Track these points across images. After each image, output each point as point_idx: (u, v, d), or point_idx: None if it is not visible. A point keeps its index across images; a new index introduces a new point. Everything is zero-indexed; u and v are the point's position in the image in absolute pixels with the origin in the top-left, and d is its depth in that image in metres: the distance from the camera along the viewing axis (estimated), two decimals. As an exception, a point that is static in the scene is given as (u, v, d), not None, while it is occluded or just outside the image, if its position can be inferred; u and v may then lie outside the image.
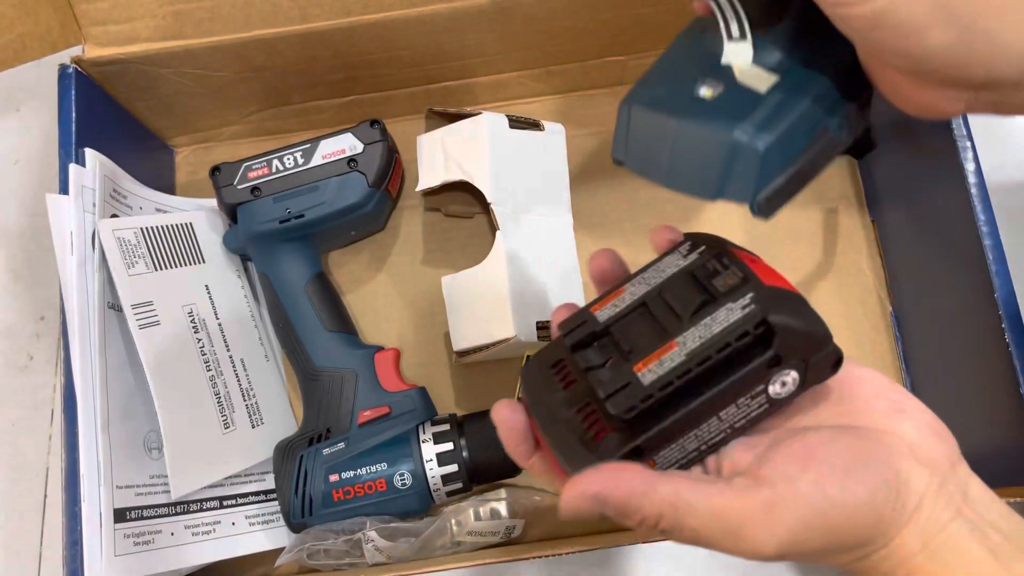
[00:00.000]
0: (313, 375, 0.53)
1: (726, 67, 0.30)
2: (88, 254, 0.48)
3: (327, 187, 0.53)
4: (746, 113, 0.28)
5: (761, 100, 0.28)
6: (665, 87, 0.31)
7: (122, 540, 0.46)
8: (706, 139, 0.29)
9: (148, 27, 0.52)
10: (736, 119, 0.28)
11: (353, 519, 0.49)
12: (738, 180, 0.29)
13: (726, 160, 0.28)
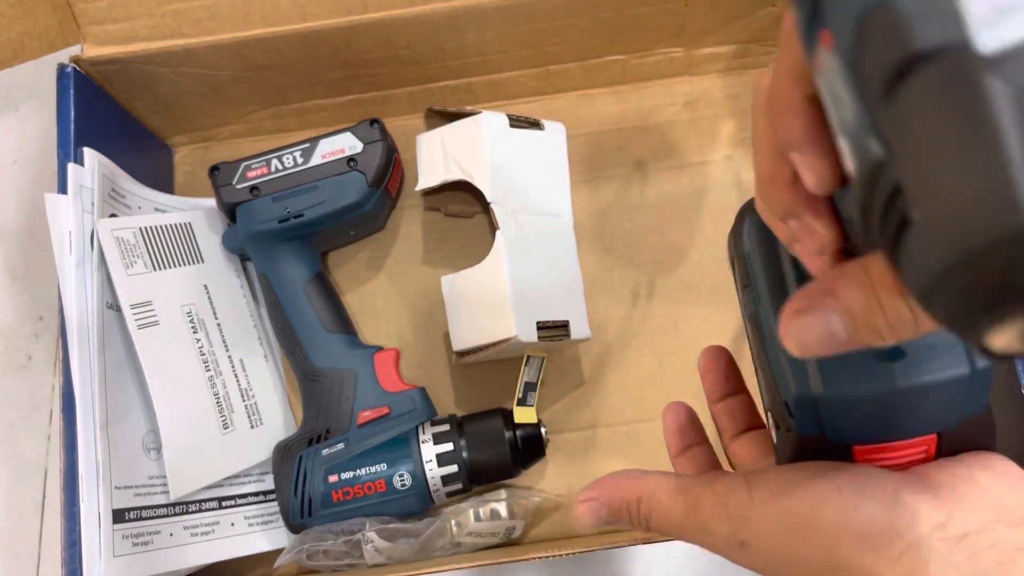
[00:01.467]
0: (312, 375, 0.52)
1: None
2: (87, 254, 0.48)
3: (326, 186, 0.53)
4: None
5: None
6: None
7: (121, 540, 0.46)
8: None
9: (147, 26, 0.51)
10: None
11: (352, 520, 0.49)
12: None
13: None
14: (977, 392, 0.26)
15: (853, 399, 0.25)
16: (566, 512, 0.54)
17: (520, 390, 0.52)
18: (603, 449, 0.55)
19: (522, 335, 0.48)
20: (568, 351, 0.56)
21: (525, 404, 0.52)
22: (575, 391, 0.56)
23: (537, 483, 0.54)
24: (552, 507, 0.53)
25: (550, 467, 0.54)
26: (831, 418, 0.26)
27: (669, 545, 0.54)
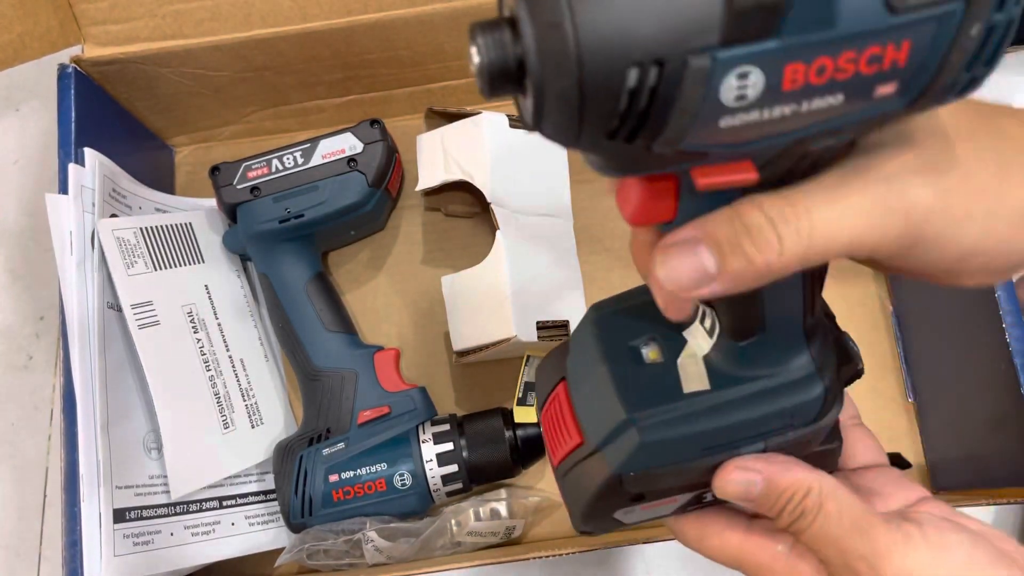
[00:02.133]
0: (313, 375, 0.52)
1: (680, 340, 0.29)
2: (87, 254, 0.48)
3: (327, 187, 0.53)
4: (657, 400, 0.27)
5: (678, 396, 0.27)
6: (628, 321, 0.30)
7: (121, 540, 0.46)
8: (607, 399, 0.28)
9: (148, 27, 0.52)
10: (644, 403, 0.27)
11: (353, 519, 0.49)
12: (616, 447, 0.28)
13: (613, 429, 0.28)
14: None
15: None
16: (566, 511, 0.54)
17: (520, 390, 0.52)
18: (603, 449, 0.55)
19: (522, 335, 0.48)
20: (568, 351, 0.56)
21: (525, 404, 0.52)
22: (575, 391, 0.56)
23: (537, 483, 0.54)
24: (552, 507, 0.53)
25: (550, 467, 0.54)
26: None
27: (669, 545, 0.54)
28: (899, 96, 0.19)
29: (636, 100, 0.18)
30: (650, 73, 0.17)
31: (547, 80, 0.17)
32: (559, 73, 0.17)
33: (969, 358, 0.50)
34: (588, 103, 0.18)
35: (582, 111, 0.18)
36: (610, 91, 0.17)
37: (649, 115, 0.18)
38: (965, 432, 0.51)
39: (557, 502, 0.53)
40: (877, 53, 0.18)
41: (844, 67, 0.18)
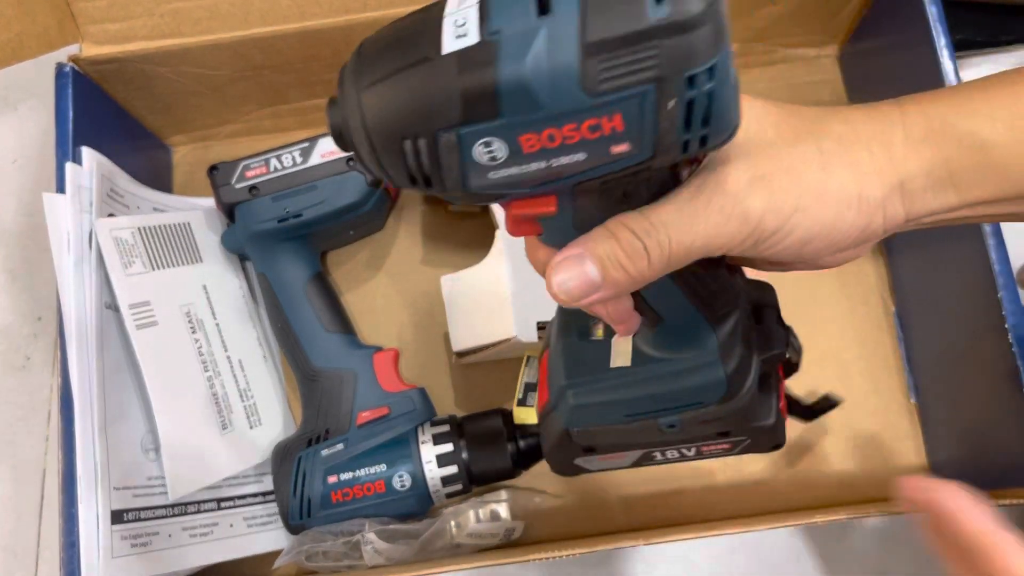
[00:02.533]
0: (312, 375, 0.52)
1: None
2: (85, 254, 0.48)
3: (325, 186, 0.53)
4: (589, 370, 0.34)
5: (605, 370, 0.34)
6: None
7: (119, 542, 0.45)
8: (558, 367, 0.35)
9: (146, 26, 0.51)
10: (579, 372, 0.34)
11: (352, 521, 0.49)
12: (561, 408, 0.35)
13: (559, 393, 0.34)
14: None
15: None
16: (566, 513, 0.54)
17: (520, 390, 0.52)
18: (603, 450, 0.55)
19: (522, 335, 0.48)
20: (568, 351, 0.56)
21: (525, 405, 0.52)
22: (575, 391, 0.56)
23: (537, 484, 0.54)
24: (552, 508, 0.53)
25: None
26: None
27: (670, 546, 0.54)
28: (638, 152, 0.24)
29: (417, 161, 0.24)
30: (418, 143, 0.23)
31: (355, 146, 0.25)
32: (360, 143, 0.24)
33: (971, 358, 0.50)
34: (384, 162, 0.24)
35: (383, 167, 0.25)
36: (395, 155, 0.24)
37: (430, 171, 0.24)
38: (967, 432, 0.51)
39: (557, 504, 0.53)
40: (594, 123, 0.23)
41: (570, 135, 0.23)
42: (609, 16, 0.21)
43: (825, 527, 0.53)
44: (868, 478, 0.54)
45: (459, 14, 0.23)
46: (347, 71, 0.24)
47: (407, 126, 0.23)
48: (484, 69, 0.22)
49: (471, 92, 0.22)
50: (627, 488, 0.54)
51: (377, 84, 0.23)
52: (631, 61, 0.22)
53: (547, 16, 0.22)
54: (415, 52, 0.23)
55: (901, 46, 0.53)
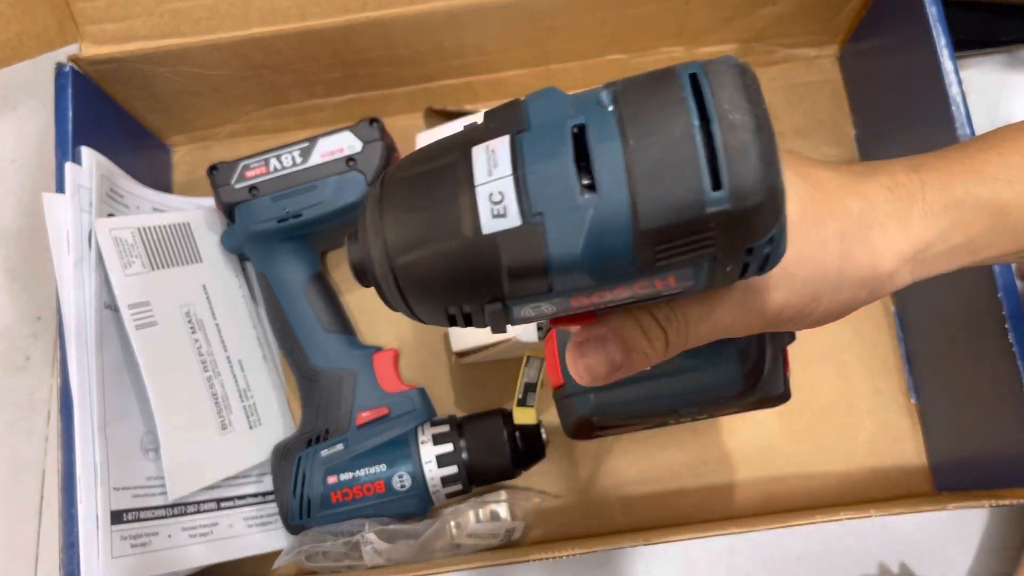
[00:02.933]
0: (311, 375, 0.52)
1: None
2: (85, 254, 0.48)
3: (325, 186, 0.53)
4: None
5: None
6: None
7: (119, 542, 0.45)
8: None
9: (145, 25, 0.51)
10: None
11: (352, 521, 0.49)
12: (581, 400, 0.36)
13: (575, 386, 0.36)
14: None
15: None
16: (566, 513, 0.54)
17: (520, 391, 0.52)
18: (603, 450, 0.55)
19: (522, 335, 0.48)
20: (568, 351, 0.56)
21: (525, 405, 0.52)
22: (575, 392, 0.55)
23: (537, 484, 0.54)
24: (552, 508, 0.53)
25: (550, 468, 0.54)
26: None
27: (670, 547, 0.54)
28: (689, 291, 0.23)
29: (455, 320, 0.23)
30: (463, 308, 0.23)
31: (387, 298, 0.24)
32: (394, 300, 0.23)
33: (971, 359, 0.49)
34: (420, 315, 0.24)
35: (418, 317, 0.24)
36: (434, 314, 0.23)
37: (473, 322, 0.23)
38: (968, 433, 0.51)
39: (558, 504, 0.53)
40: (646, 285, 0.22)
41: (621, 292, 0.22)
42: (662, 203, 0.20)
43: (825, 527, 0.53)
44: (868, 478, 0.54)
45: (493, 187, 0.21)
46: (370, 221, 0.23)
47: (449, 299, 0.22)
48: (531, 254, 0.21)
49: (518, 274, 0.21)
50: (627, 488, 0.54)
51: (413, 253, 0.22)
52: (688, 243, 0.20)
53: (593, 195, 0.20)
54: (451, 224, 0.21)
55: (901, 46, 0.53)
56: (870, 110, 0.59)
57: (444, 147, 0.23)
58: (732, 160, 0.19)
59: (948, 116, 0.47)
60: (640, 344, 0.27)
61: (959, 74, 0.48)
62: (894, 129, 0.55)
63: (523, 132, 0.21)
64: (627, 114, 0.20)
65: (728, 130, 0.20)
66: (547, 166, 0.21)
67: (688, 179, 0.19)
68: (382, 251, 0.22)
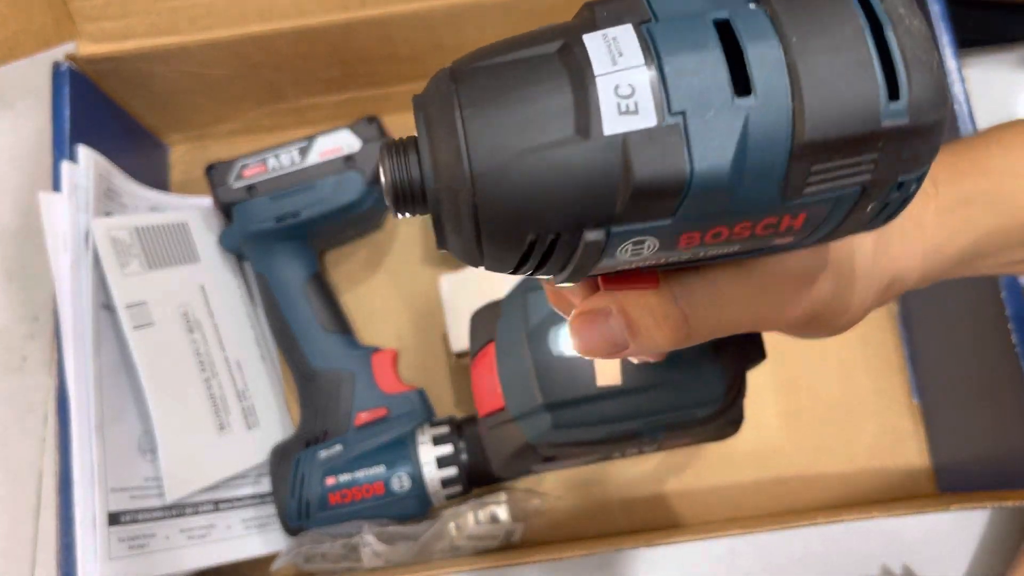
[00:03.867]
0: (310, 376, 0.52)
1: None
2: (82, 253, 0.48)
3: (324, 185, 0.52)
4: (569, 390, 0.33)
5: (591, 389, 0.32)
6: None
7: (116, 543, 0.45)
8: (526, 379, 0.33)
9: (143, 23, 0.51)
10: (557, 391, 0.33)
11: (351, 522, 0.49)
12: (531, 423, 0.33)
13: (529, 409, 0.34)
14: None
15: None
16: (566, 514, 0.53)
17: None
18: (604, 451, 0.54)
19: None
20: (568, 352, 0.56)
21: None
22: (576, 392, 0.55)
23: (537, 485, 0.54)
24: (552, 510, 0.53)
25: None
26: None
27: (671, 549, 0.53)
28: (796, 243, 0.20)
29: (532, 253, 0.19)
30: (547, 239, 0.18)
31: (441, 219, 0.19)
32: (454, 220, 0.18)
33: (974, 359, 0.49)
34: (486, 249, 0.19)
35: (480, 252, 0.19)
36: (510, 245, 0.19)
37: (548, 263, 0.19)
38: (971, 434, 0.51)
39: (558, 505, 0.53)
40: (773, 222, 0.19)
41: (739, 232, 0.19)
42: (831, 112, 0.17)
43: (827, 528, 0.53)
44: (870, 479, 0.54)
45: (619, 77, 0.17)
46: (440, 121, 0.19)
47: (541, 219, 0.18)
48: (669, 160, 0.17)
49: (645, 188, 0.17)
50: (628, 489, 0.54)
51: (503, 158, 0.18)
52: (848, 165, 0.18)
53: (748, 98, 0.17)
54: (559, 122, 0.17)
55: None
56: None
57: (534, 37, 0.19)
58: (913, 68, 0.17)
59: (951, 115, 0.47)
60: (651, 330, 0.24)
61: (962, 72, 0.48)
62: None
63: (648, 22, 0.18)
64: (781, 10, 0.17)
65: (905, 35, 0.17)
66: (691, 59, 0.17)
67: (863, 86, 0.17)
68: (458, 159, 0.18)
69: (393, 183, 0.19)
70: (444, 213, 0.19)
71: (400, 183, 0.19)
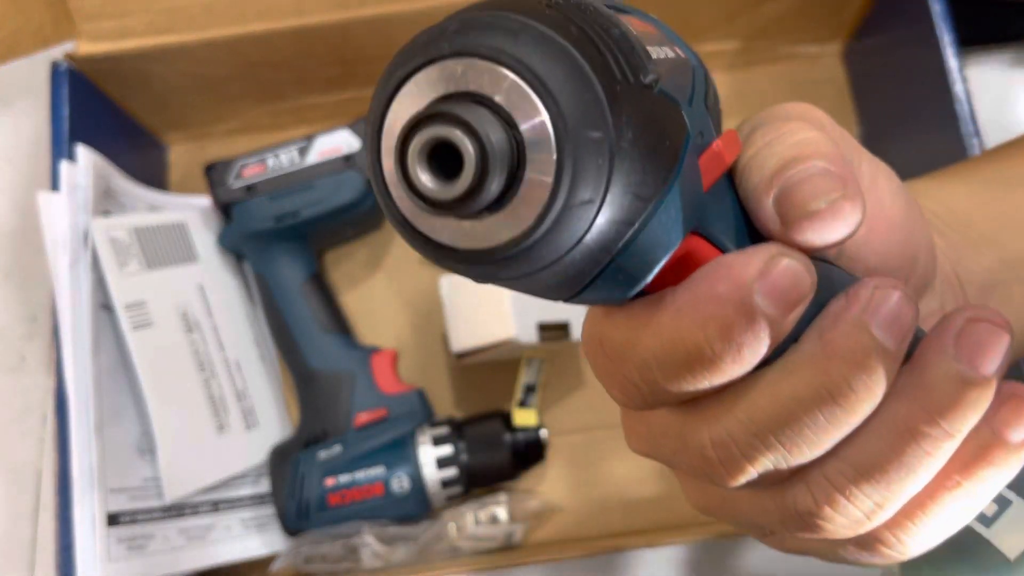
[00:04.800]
0: (309, 376, 0.52)
1: None
2: (80, 253, 0.48)
3: (323, 185, 0.52)
4: None
5: None
6: None
7: (115, 544, 0.45)
8: None
9: (142, 22, 0.51)
10: None
11: (350, 523, 0.48)
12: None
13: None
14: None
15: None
16: (566, 515, 0.53)
17: (520, 392, 0.52)
18: (605, 451, 0.54)
19: (522, 336, 0.48)
20: (568, 352, 0.56)
21: (525, 406, 0.51)
22: (576, 392, 0.55)
23: (537, 486, 0.54)
24: (552, 511, 0.53)
25: (551, 470, 0.54)
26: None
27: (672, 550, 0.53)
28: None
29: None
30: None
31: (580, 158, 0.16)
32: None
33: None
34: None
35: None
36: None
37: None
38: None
39: (557, 506, 0.53)
40: None
41: None
42: None
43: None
44: (871, 480, 0.53)
45: None
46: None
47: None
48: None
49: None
50: (629, 490, 0.54)
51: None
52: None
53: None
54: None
55: (905, 43, 0.53)
56: (874, 108, 0.58)
57: None
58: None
59: (952, 114, 0.47)
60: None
61: (963, 72, 0.47)
62: (898, 127, 0.55)
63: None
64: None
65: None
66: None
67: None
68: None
69: (492, 147, 0.16)
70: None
71: (499, 144, 0.16)
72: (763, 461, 0.18)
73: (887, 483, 0.18)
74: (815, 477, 0.18)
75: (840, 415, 0.17)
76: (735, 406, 0.18)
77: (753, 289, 0.17)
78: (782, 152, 0.19)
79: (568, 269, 0.17)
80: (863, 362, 0.17)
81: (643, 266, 0.18)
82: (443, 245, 0.17)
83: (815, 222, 0.18)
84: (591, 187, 0.16)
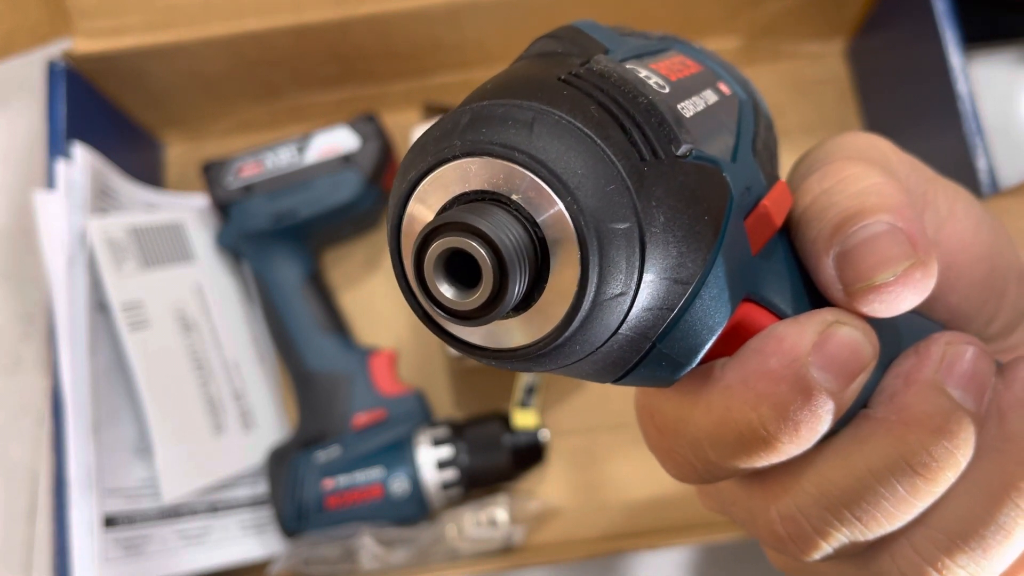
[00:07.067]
0: (307, 377, 0.51)
1: None
2: (77, 253, 0.47)
3: (321, 184, 0.52)
4: None
5: None
6: None
7: (112, 546, 0.45)
8: None
9: (139, 20, 0.51)
10: None
11: (349, 525, 0.48)
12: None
13: None
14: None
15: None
16: (566, 517, 0.53)
17: (520, 393, 0.51)
18: (605, 453, 0.54)
19: (522, 337, 0.47)
20: (569, 352, 0.55)
21: (525, 407, 0.51)
22: (576, 394, 0.55)
23: (537, 487, 0.53)
24: (553, 513, 0.52)
25: (551, 471, 0.53)
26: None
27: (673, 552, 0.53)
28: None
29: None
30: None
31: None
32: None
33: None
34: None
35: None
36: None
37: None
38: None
39: (558, 508, 0.52)
40: None
41: None
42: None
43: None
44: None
45: None
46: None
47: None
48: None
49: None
50: (629, 491, 0.53)
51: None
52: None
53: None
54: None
55: (909, 41, 0.52)
56: (878, 106, 0.58)
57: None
58: None
59: (955, 113, 0.47)
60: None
61: (967, 70, 0.47)
62: (902, 125, 0.54)
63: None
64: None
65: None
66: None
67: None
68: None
69: (513, 245, 0.15)
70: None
71: (520, 240, 0.16)
72: (837, 536, 0.17)
73: (983, 549, 0.16)
74: (902, 549, 0.17)
75: (921, 485, 0.16)
76: (802, 478, 0.17)
77: (808, 363, 0.16)
78: (842, 203, 0.17)
79: (606, 358, 0.16)
80: (943, 427, 0.16)
81: (688, 351, 0.16)
82: (473, 345, 0.17)
83: (882, 294, 0.16)
84: (622, 280, 0.15)
